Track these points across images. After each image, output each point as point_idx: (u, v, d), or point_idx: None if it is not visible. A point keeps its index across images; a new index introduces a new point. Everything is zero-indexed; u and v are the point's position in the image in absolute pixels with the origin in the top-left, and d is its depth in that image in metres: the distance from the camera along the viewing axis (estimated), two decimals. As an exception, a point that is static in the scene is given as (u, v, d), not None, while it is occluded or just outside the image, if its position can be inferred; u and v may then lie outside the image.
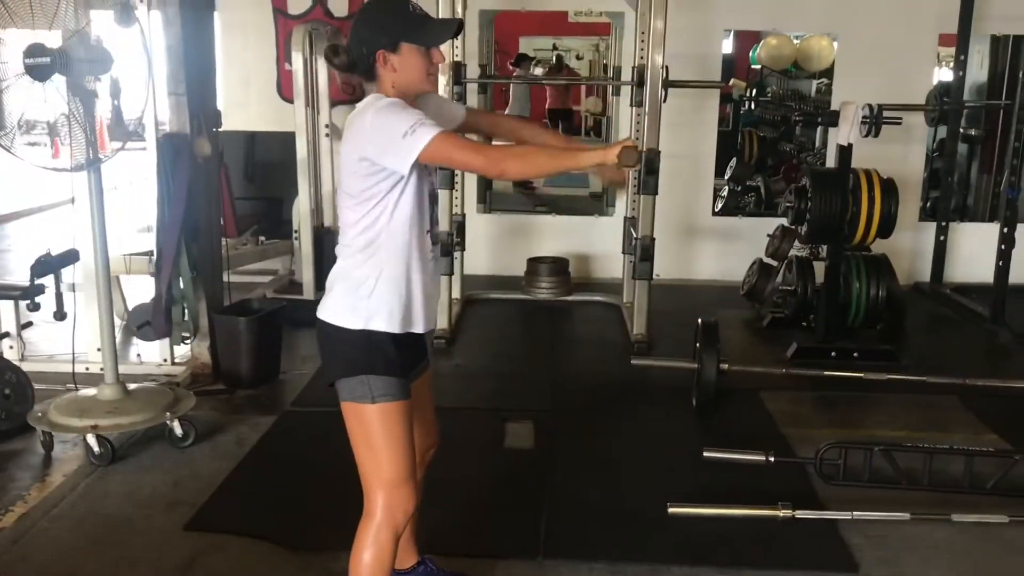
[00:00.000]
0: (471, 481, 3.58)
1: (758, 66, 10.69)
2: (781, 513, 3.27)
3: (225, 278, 4.88)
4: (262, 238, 6.53)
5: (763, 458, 3.57)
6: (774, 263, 5.88)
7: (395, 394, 2.28)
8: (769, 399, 4.48)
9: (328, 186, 6.44)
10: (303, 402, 4.40)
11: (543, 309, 6.07)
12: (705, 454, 3.61)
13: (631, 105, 5.79)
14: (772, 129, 9.80)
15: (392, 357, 2.30)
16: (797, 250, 5.72)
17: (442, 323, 5.32)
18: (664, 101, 5.16)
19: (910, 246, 6.71)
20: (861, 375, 4.34)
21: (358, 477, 2.35)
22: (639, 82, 5.57)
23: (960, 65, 6.33)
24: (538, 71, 14.00)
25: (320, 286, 6.23)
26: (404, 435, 2.30)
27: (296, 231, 6.42)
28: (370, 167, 2.20)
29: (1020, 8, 6.06)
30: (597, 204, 9.01)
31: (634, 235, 5.43)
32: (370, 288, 2.28)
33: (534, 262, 6.23)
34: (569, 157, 2.26)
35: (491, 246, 6.85)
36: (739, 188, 8.38)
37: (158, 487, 3.54)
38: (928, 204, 7.18)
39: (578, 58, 16.98)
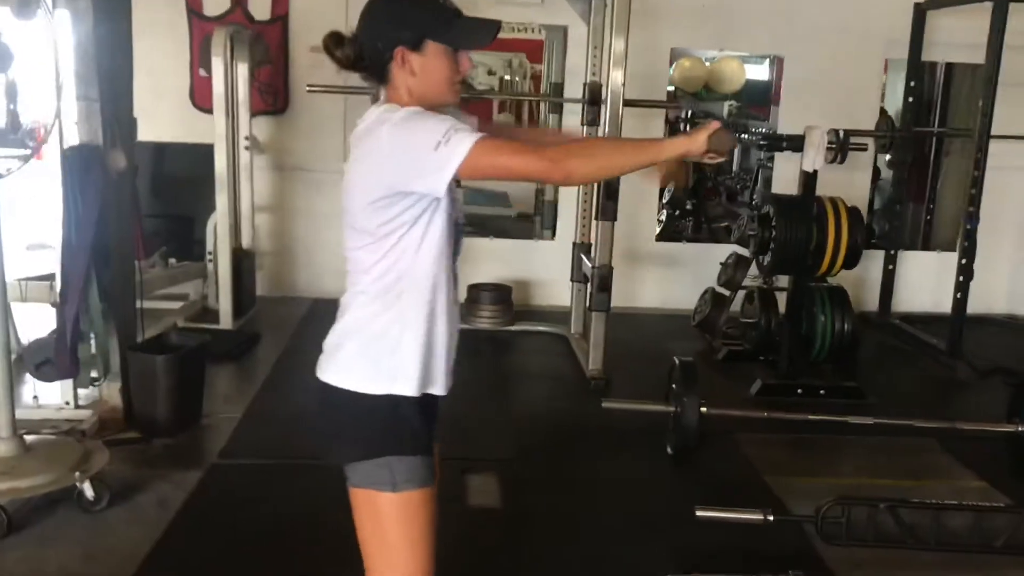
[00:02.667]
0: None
1: (671, 88, 10.63)
2: (793, 582, 2.95)
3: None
4: (172, 260, 5.93)
5: (760, 516, 3.25)
6: (726, 292, 5.62)
7: (421, 479, 1.88)
8: (744, 442, 4.19)
9: (247, 203, 5.92)
10: (232, 452, 3.86)
11: (487, 340, 5.65)
12: (698, 513, 3.25)
13: (583, 124, 5.46)
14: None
15: (419, 430, 1.90)
16: (751, 279, 5.49)
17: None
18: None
19: (854, 274, 6.55)
20: (845, 419, 4.07)
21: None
22: (591, 100, 5.25)
23: (910, 91, 6.23)
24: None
25: (239, 312, 5.70)
26: (427, 528, 1.90)
27: (210, 252, 5.87)
28: (392, 196, 1.79)
29: (964, 36, 6.04)
30: (528, 226, 8.67)
31: (587, 263, 5.09)
32: (394, 341, 1.87)
33: (475, 289, 5.83)
34: (644, 150, 1.87)
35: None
36: (676, 213, 8.16)
37: (67, 563, 2.99)
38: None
39: (490, 73, 16.67)
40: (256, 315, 5.92)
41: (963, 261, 5.35)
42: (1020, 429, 3.86)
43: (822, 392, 4.79)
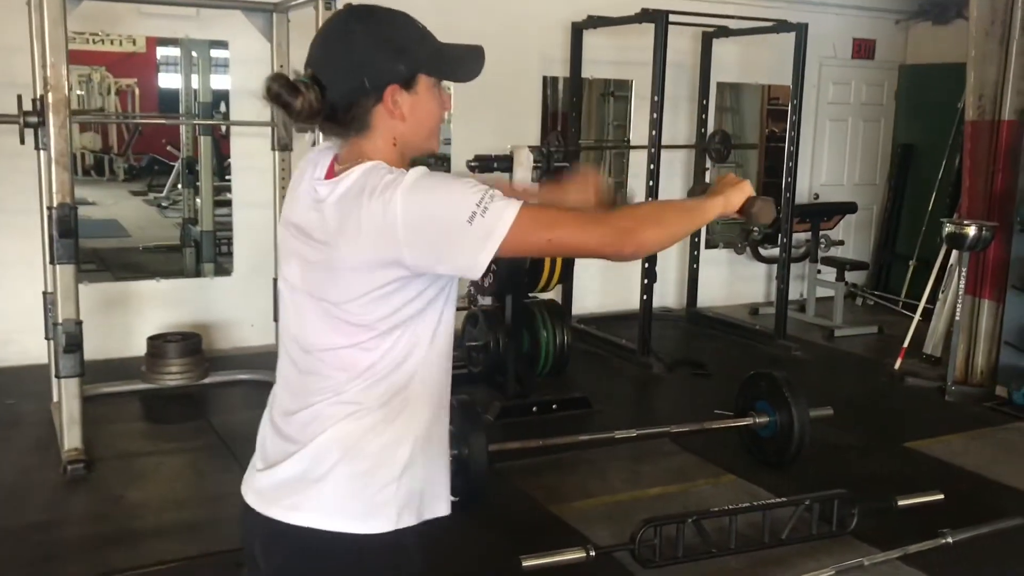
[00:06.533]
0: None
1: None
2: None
3: None
4: None
5: (583, 554, 3.16)
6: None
7: None
8: (510, 473, 4.06)
9: None
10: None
11: (182, 400, 4.92)
12: (524, 563, 3.09)
13: (275, 148, 4.99)
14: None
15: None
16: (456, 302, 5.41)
17: (73, 440, 4.03)
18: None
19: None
20: (612, 435, 4.13)
21: None
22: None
23: (573, 106, 6.55)
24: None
25: None
26: None
27: None
28: (403, 280, 1.41)
29: (605, 54, 6.55)
30: (174, 259, 7.83)
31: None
32: (402, 462, 1.48)
33: (157, 341, 5.05)
34: (697, 214, 1.63)
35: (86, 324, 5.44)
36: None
37: None
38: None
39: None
40: None
41: (646, 265, 5.72)
42: (757, 421, 4.19)
43: (555, 407, 4.84)
